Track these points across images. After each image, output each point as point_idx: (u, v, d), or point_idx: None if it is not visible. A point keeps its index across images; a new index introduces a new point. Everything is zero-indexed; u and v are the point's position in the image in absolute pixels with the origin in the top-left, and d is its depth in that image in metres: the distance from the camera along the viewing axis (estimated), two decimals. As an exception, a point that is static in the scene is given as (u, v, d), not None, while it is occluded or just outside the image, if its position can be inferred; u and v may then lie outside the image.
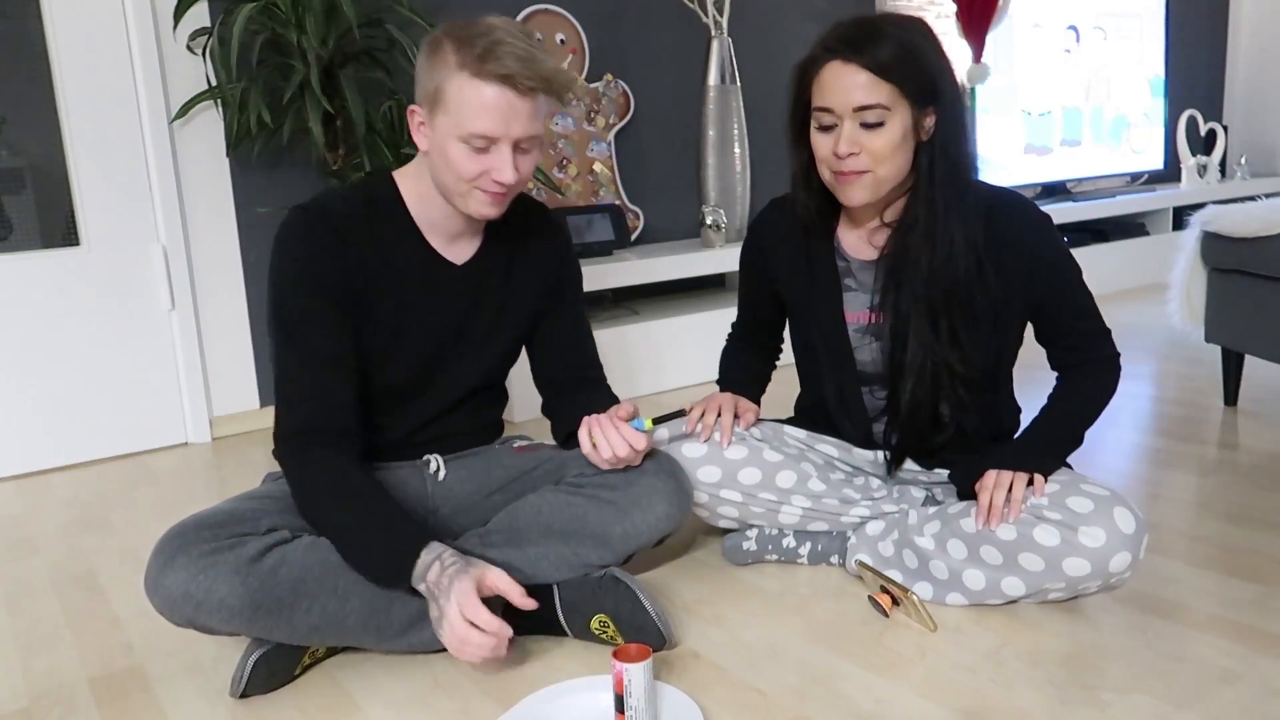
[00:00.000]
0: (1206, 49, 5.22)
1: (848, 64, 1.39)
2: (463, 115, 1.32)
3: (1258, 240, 2.26)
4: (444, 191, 1.41)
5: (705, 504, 1.65)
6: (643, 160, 3.52)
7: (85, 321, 2.61)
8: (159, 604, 1.27)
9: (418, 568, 1.30)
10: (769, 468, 1.62)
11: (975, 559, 1.47)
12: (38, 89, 2.51)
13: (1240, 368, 2.51)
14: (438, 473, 1.58)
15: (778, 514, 1.64)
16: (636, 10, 3.45)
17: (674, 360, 3.08)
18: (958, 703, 1.27)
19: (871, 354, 1.59)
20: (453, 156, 1.34)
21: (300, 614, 1.31)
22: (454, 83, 1.31)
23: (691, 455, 1.61)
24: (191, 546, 1.27)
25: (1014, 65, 4.14)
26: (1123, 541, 1.37)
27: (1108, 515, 1.38)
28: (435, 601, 1.28)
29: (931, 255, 1.46)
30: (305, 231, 1.39)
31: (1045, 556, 1.40)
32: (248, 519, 1.34)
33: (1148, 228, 4.58)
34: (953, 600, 1.51)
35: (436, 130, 1.36)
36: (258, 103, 2.48)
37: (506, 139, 1.33)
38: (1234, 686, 1.27)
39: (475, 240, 1.52)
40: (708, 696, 1.31)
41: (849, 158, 1.42)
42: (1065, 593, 1.45)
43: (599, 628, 1.44)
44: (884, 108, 1.39)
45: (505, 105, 1.31)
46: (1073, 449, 1.54)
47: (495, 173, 1.35)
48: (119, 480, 2.47)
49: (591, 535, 1.48)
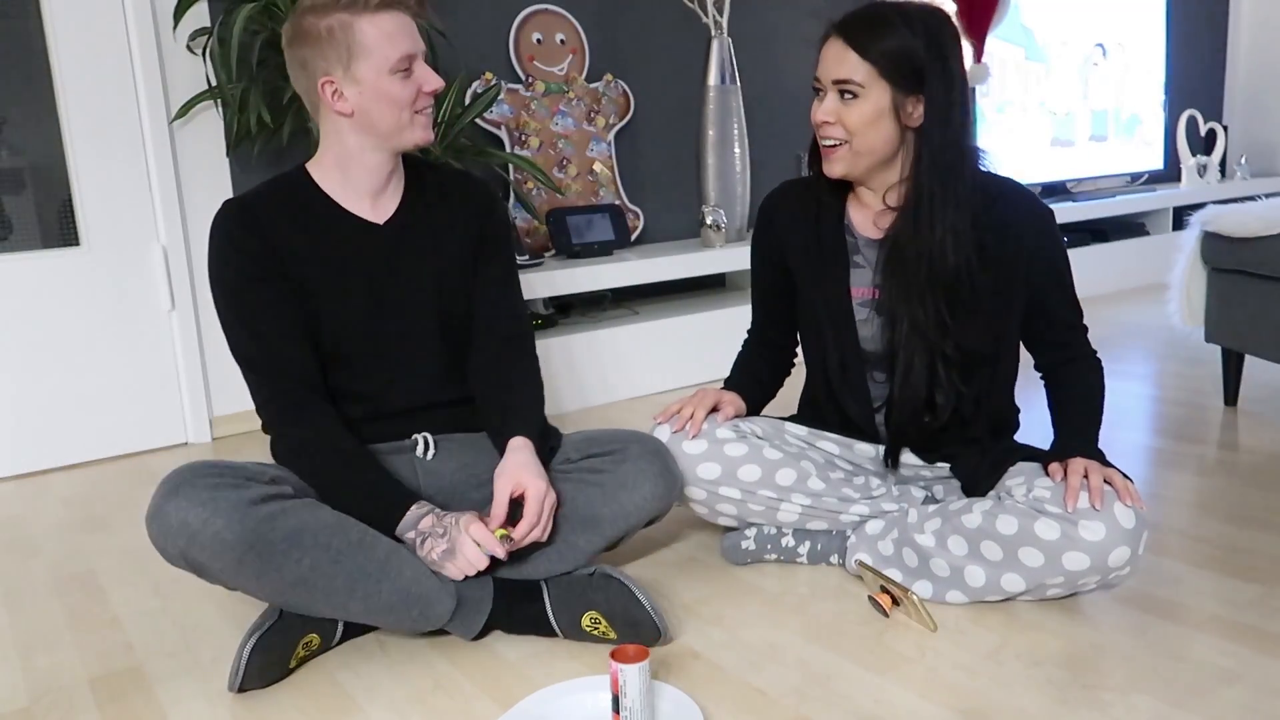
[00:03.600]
0: (1206, 49, 5.22)
1: (837, 40, 1.51)
2: (383, 49, 1.43)
3: (1258, 240, 2.26)
4: (385, 137, 1.49)
5: (704, 501, 1.65)
6: (643, 160, 3.52)
7: (85, 321, 2.61)
8: (155, 533, 1.30)
9: (409, 517, 1.43)
10: (768, 465, 1.62)
11: (976, 555, 1.47)
12: (38, 89, 2.51)
13: (1240, 368, 2.51)
14: (426, 453, 1.58)
15: (776, 512, 1.64)
16: (636, 10, 3.45)
17: (674, 360, 3.08)
18: (958, 703, 1.27)
19: (872, 330, 1.62)
20: (392, 92, 1.45)
21: (291, 563, 1.32)
22: (358, 29, 1.43)
23: (691, 451, 1.61)
24: (197, 480, 1.31)
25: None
26: (1122, 536, 1.37)
27: (1108, 510, 1.38)
28: (436, 538, 1.40)
29: (920, 239, 1.52)
30: (225, 222, 1.49)
31: (1045, 551, 1.41)
32: (255, 471, 1.39)
33: (1148, 228, 4.59)
34: (953, 598, 1.51)
35: (362, 82, 1.44)
36: (258, 103, 2.48)
37: (419, 52, 1.48)
38: (1234, 686, 1.27)
39: (394, 198, 1.58)
40: (707, 696, 1.31)
41: (824, 125, 1.52)
42: (1064, 589, 1.45)
43: (590, 625, 1.44)
44: (858, 84, 1.48)
45: (404, 25, 1.46)
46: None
47: (426, 84, 1.48)
48: (119, 480, 2.47)
49: (580, 519, 1.49)
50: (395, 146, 1.51)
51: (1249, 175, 5.04)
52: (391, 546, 1.41)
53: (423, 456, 1.58)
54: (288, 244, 1.49)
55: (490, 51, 3.17)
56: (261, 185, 1.56)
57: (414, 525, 1.42)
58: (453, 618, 1.43)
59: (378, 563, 1.38)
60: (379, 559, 1.38)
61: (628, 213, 3.46)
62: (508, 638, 1.50)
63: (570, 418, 2.80)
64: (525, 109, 3.21)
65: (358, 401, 1.55)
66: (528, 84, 3.23)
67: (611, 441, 1.56)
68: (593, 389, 2.94)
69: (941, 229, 1.50)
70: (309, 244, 1.51)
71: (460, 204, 1.62)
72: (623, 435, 1.57)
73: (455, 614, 1.43)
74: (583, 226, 3.13)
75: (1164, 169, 4.83)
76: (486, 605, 1.46)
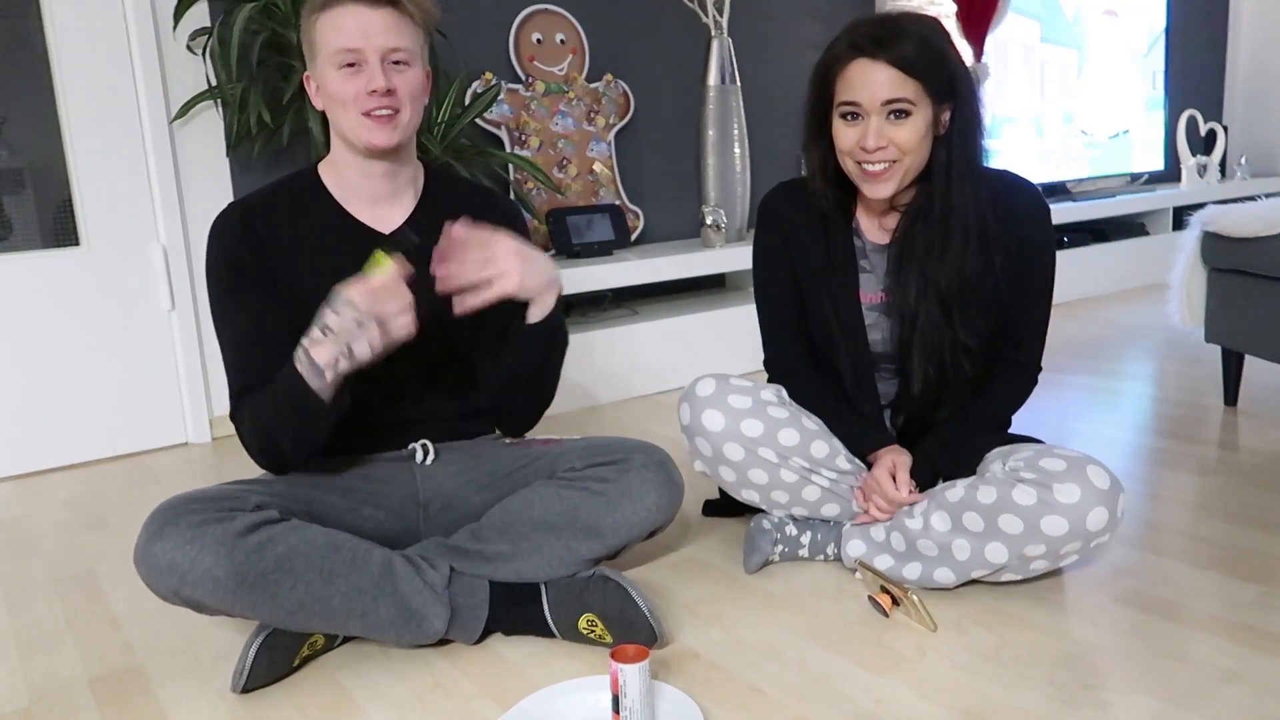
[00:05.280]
0: (1206, 49, 5.22)
1: (875, 60, 1.46)
2: (326, 42, 1.42)
3: (1258, 240, 2.26)
4: (343, 136, 1.48)
5: (709, 458, 1.63)
6: (643, 160, 3.52)
7: (85, 321, 2.61)
8: (145, 574, 1.28)
9: (301, 357, 1.34)
10: (772, 423, 1.60)
11: (959, 528, 1.49)
12: (38, 89, 2.51)
13: (1240, 368, 2.51)
14: (426, 459, 1.57)
15: (778, 473, 1.61)
16: (636, 10, 3.45)
17: (674, 360, 3.08)
18: (958, 703, 1.27)
19: (882, 333, 1.65)
20: (331, 86, 1.43)
21: (285, 590, 1.31)
22: (314, 23, 1.44)
23: (702, 393, 1.61)
24: (180, 518, 1.28)
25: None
26: (1098, 497, 1.40)
27: (1081, 472, 1.41)
28: (326, 317, 1.32)
29: (942, 242, 1.54)
30: (223, 225, 1.49)
31: (1024, 517, 1.43)
32: (238, 497, 1.35)
33: (1148, 228, 4.59)
34: (941, 577, 1.53)
35: (321, 78, 1.45)
36: (258, 103, 2.48)
37: (370, 49, 1.41)
38: (1234, 686, 1.27)
39: (404, 208, 1.56)
40: (707, 696, 1.31)
41: (877, 150, 1.48)
42: (1048, 561, 1.47)
43: (587, 627, 1.44)
44: (910, 102, 1.46)
45: (358, 20, 1.41)
46: (974, 451, 1.61)
47: (370, 83, 1.42)
48: (119, 480, 2.47)
49: (583, 527, 1.48)
50: (359, 149, 1.47)
51: (1249, 175, 5.04)
52: (384, 562, 1.39)
53: (422, 463, 1.58)
54: (284, 253, 1.49)
55: (490, 51, 3.17)
56: (269, 185, 1.56)
57: (309, 354, 1.34)
58: (449, 627, 1.43)
59: (372, 579, 1.37)
60: (373, 576, 1.37)
61: (628, 213, 3.45)
62: (508, 638, 1.50)
63: (571, 418, 2.80)
64: (525, 109, 3.21)
65: (354, 409, 1.51)
66: (528, 84, 3.23)
67: (616, 450, 1.54)
68: (593, 389, 2.94)
69: (965, 229, 1.53)
70: (307, 252, 1.50)
71: (477, 217, 1.55)
72: (627, 444, 1.55)
73: (451, 623, 1.43)
74: (583, 226, 3.13)
75: (1164, 169, 4.83)
76: (483, 611, 1.45)
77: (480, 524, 1.51)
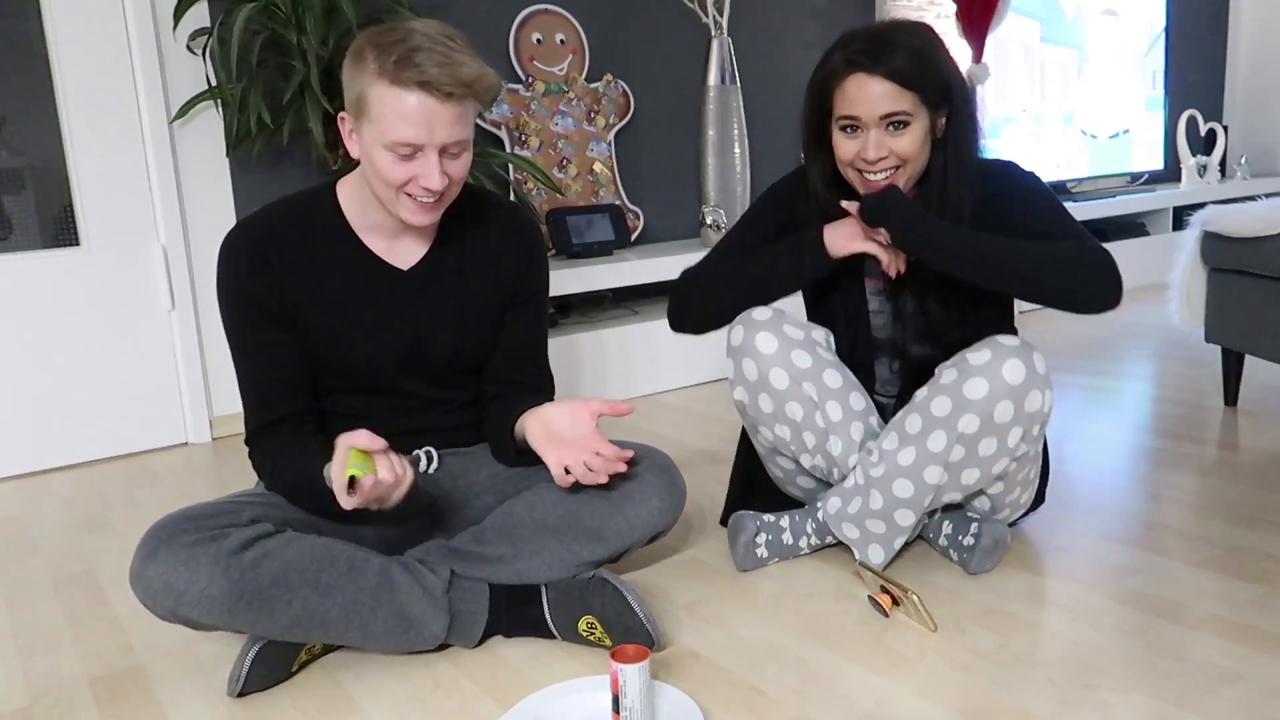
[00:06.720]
0: (1206, 49, 5.22)
1: (871, 75, 1.48)
2: (386, 123, 1.31)
3: (1258, 240, 2.26)
4: (377, 198, 1.42)
5: (753, 382, 1.61)
6: (643, 160, 3.52)
7: (85, 321, 2.61)
8: (141, 595, 1.28)
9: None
10: (820, 361, 1.60)
11: (903, 436, 1.53)
12: (38, 89, 2.51)
13: (1240, 368, 2.51)
14: (430, 465, 1.58)
15: (814, 415, 1.60)
16: (636, 10, 3.45)
17: (674, 360, 3.08)
18: (958, 703, 1.27)
19: (884, 319, 1.70)
20: (380, 165, 1.35)
21: (282, 606, 1.31)
22: (374, 90, 1.31)
23: (759, 317, 1.61)
24: (174, 539, 1.28)
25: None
26: (1008, 352, 1.46)
27: (992, 340, 1.49)
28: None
29: None
30: (233, 252, 1.43)
31: (950, 394, 1.48)
32: (231, 512, 1.35)
33: (1148, 228, 4.59)
34: (900, 490, 1.53)
35: (363, 138, 1.36)
36: (258, 103, 2.48)
37: (431, 145, 1.33)
38: (1234, 686, 1.27)
39: (424, 243, 1.52)
40: (707, 696, 1.32)
41: (878, 161, 1.52)
42: (995, 438, 1.48)
43: (586, 629, 1.44)
44: (907, 113, 1.49)
45: (426, 112, 1.30)
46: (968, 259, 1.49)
47: (422, 179, 1.34)
48: (119, 480, 2.47)
49: (585, 530, 1.48)
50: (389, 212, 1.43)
51: (1249, 175, 5.04)
52: (382, 570, 1.39)
53: (425, 469, 1.58)
54: (297, 283, 1.44)
55: (490, 51, 3.17)
56: (283, 203, 1.48)
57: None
58: (449, 632, 1.43)
59: (369, 590, 1.37)
60: (370, 586, 1.37)
61: (628, 213, 3.46)
62: (508, 639, 1.50)
63: (570, 418, 2.80)
64: (525, 109, 3.21)
65: (359, 421, 1.50)
66: (528, 84, 3.23)
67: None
68: (593, 389, 2.94)
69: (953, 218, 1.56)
70: (321, 285, 1.46)
71: (500, 247, 1.55)
72: (630, 448, 1.55)
73: (451, 628, 1.43)
74: (583, 226, 3.13)
75: (1164, 169, 4.83)
76: (482, 616, 1.45)
77: (482, 526, 1.51)
